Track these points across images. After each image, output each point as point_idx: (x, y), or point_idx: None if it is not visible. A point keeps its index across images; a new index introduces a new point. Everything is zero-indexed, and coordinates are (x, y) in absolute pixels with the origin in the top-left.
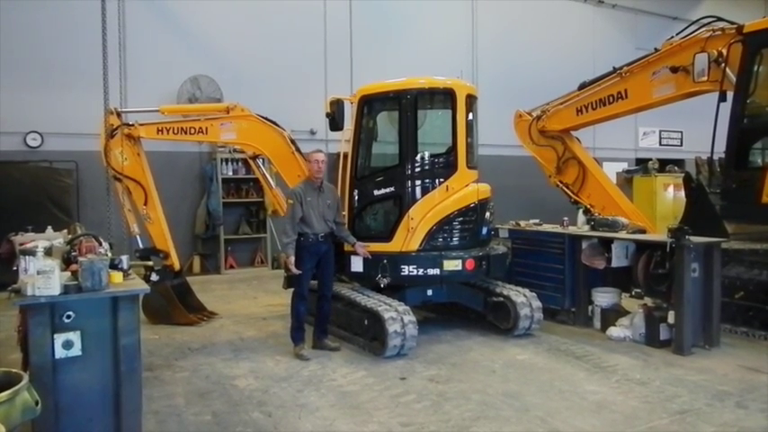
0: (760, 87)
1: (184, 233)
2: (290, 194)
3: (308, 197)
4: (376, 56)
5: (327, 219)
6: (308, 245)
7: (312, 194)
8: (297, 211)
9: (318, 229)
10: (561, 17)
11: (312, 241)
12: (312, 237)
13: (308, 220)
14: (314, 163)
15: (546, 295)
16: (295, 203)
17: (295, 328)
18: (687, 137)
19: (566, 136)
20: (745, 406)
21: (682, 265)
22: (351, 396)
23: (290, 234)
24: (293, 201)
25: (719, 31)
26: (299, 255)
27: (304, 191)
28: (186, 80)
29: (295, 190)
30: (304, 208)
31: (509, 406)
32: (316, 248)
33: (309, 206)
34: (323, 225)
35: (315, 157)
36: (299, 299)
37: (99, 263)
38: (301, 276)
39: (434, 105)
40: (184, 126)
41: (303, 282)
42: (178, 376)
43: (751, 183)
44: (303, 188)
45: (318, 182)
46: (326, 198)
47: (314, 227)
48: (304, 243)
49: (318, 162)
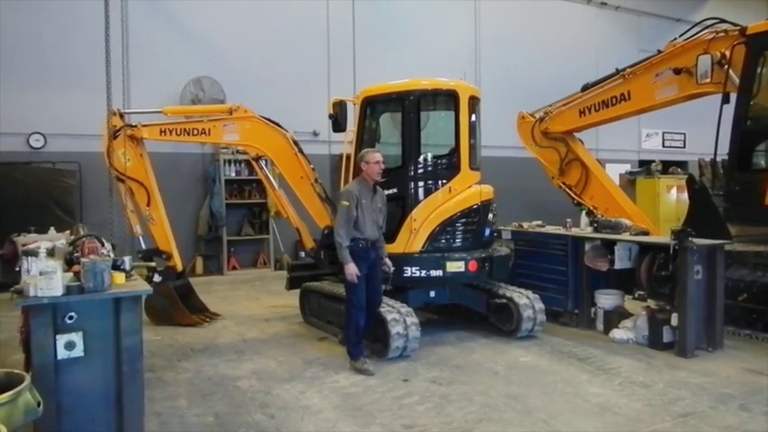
0: (763, 89)
1: (187, 234)
2: (346, 195)
3: (363, 199)
4: (379, 57)
5: (378, 224)
6: (358, 251)
7: (367, 197)
8: (352, 214)
9: (370, 235)
10: (564, 19)
11: (363, 247)
12: (363, 243)
13: (361, 225)
14: (375, 164)
15: (549, 297)
16: (351, 206)
17: (354, 343)
18: (690, 139)
19: (568, 137)
20: (748, 409)
21: (685, 267)
22: (353, 398)
23: (345, 239)
24: (349, 202)
25: (723, 33)
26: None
27: (359, 192)
28: (189, 81)
29: (350, 190)
30: (358, 211)
31: (512, 408)
32: (367, 255)
33: (363, 209)
34: (374, 230)
35: (374, 157)
36: (358, 309)
37: (101, 264)
38: (358, 285)
39: (437, 107)
40: (187, 127)
41: (360, 291)
42: (181, 377)
43: (754, 185)
44: (358, 189)
45: (372, 184)
46: (378, 201)
47: (366, 232)
48: (354, 249)
49: (379, 163)
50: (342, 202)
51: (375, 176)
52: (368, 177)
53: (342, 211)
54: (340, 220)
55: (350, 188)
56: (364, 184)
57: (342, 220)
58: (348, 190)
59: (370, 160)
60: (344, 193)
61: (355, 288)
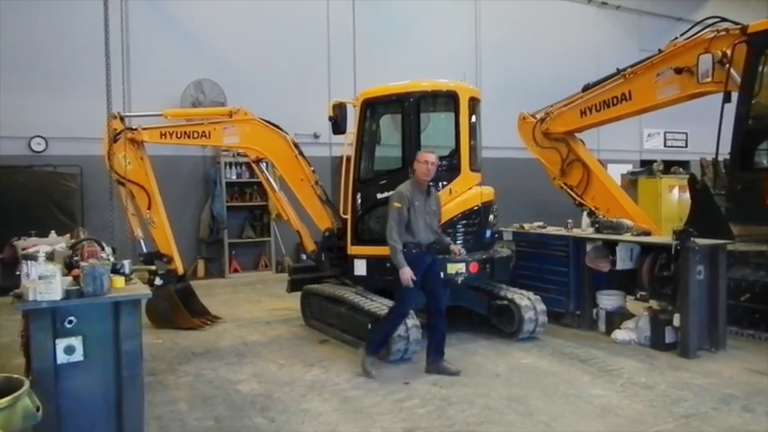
0: (765, 88)
1: (188, 237)
2: (396, 196)
3: (416, 201)
4: (379, 58)
5: (432, 227)
6: (411, 257)
7: (420, 199)
8: (403, 217)
9: (423, 239)
10: (565, 19)
11: (416, 253)
12: (416, 248)
13: (414, 228)
14: (423, 164)
15: (550, 298)
16: (402, 208)
17: (378, 342)
18: (692, 138)
19: (570, 138)
20: (751, 410)
21: (687, 267)
22: (354, 401)
23: (398, 241)
24: (401, 204)
25: (724, 32)
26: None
27: (412, 194)
28: (190, 84)
29: (402, 192)
30: (411, 214)
31: (513, 410)
32: (421, 261)
33: (416, 212)
34: (428, 234)
35: (424, 157)
36: (400, 317)
37: (100, 268)
38: (406, 293)
39: (437, 108)
40: (187, 130)
41: (407, 300)
42: (181, 381)
43: (756, 184)
44: (411, 191)
45: (426, 185)
46: (432, 204)
47: (419, 235)
48: (407, 255)
49: (428, 163)
50: (393, 203)
51: (424, 176)
52: (419, 177)
53: (392, 214)
54: (391, 223)
55: (401, 189)
56: (417, 186)
57: (393, 223)
58: (399, 191)
59: (420, 159)
60: (395, 195)
61: (406, 297)
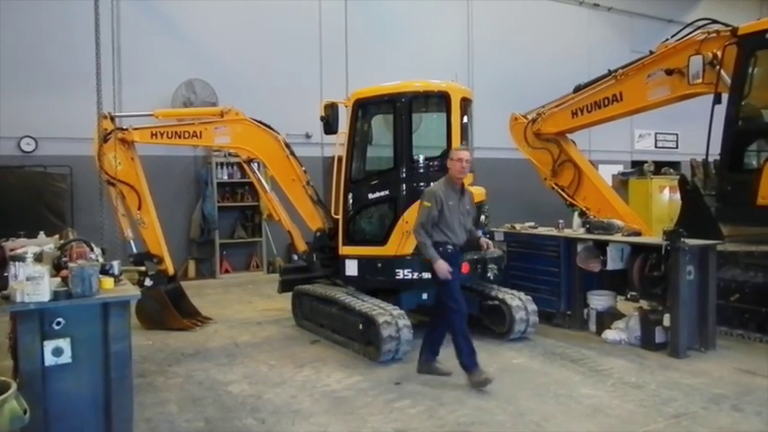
0: (755, 89)
1: (179, 237)
2: (428, 196)
3: (450, 201)
4: (371, 59)
5: (466, 226)
6: (447, 256)
7: (453, 198)
8: (432, 217)
9: (458, 239)
10: (557, 20)
11: (451, 252)
12: (451, 247)
13: (449, 228)
14: (457, 161)
15: (541, 298)
16: (432, 208)
17: (468, 353)
18: (683, 139)
19: (561, 138)
20: (740, 409)
21: (677, 267)
22: (345, 401)
23: (425, 236)
24: (431, 204)
25: (714, 34)
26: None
27: (445, 193)
28: (181, 84)
29: (434, 191)
30: (444, 213)
31: (504, 410)
32: (455, 260)
33: (450, 211)
34: (462, 234)
35: (458, 155)
36: (461, 316)
37: (89, 268)
38: (455, 289)
39: (429, 109)
40: (178, 130)
41: (458, 295)
42: (171, 382)
43: (746, 185)
44: (444, 190)
45: (460, 183)
46: (466, 203)
47: (454, 235)
48: (443, 255)
49: (463, 160)
50: (423, 202)
51: (459, 174)
52: (454, 176)
53: (422, 212)
54: (418, 220)
55: (434, 189)
56: (451, 185)
57: (420, 220)
58: (431, 190)
59: (453, 157)
60: (427, 194)
61: (452, 292)
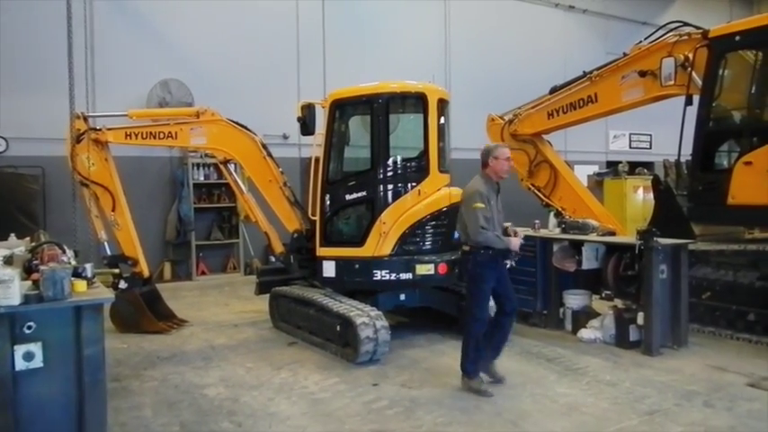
0: (725, 91)
1: (154, 239)
2: (477, 196)
3: (492, 200)
4: (349, 59)
5: (503, 226)
6: (488, 259)
7: (494, 197)
8: (489, 218)
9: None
10: (533, 22)
11: (492, 255)
12: (491, 250)
13: (494, 229)
14: (504, 160)
15: (518, 298)
16: (486, 207)
17: (473, 359)
18: (656, 140)
19: (537, 139)
20: (712, 405)
21: (650, 266)
22: (322, 403)
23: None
24: (484, 204)
25: (686, 36)
26: (480, 273)
27: (488, 192)
28: (156, 84)
29: (481, 191)
30: (490, 214)
31: (481, 410)
32: (496, 263)
33: (493, 212)
34: (500, 233)
35: (504, 152)
36: (481, 324)
37: (61, 271)
38: (484, 298)
39: (406, 110)
40: (153, 131)
41: (486, 305)
42: (146, 386)
43: (717, 185)
44: (486, 188)
45: (497, 182)
46: (500, 203)
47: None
48: (484, 258)
49: (510, 160)
50: (474, 204)
51: (504, 174)
52: (493, 175)
53: (476, 215)
54: (476, 224)
55: (478, 188)
56: (490, 183)
57: (480, 223)
58: (477, 190)
59: (500, 155)
60: (474, 195)
61: (481, 299)
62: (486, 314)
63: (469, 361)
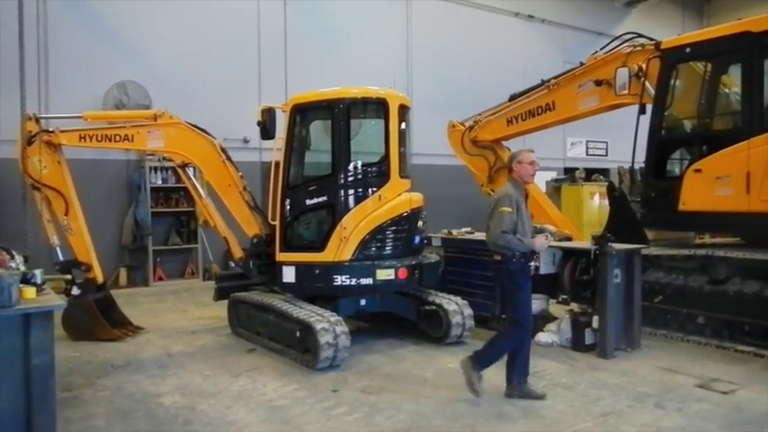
0: (676, 101)
1: (110, 244)
2: (506, 200)
3: (522, 205)
4: (311, 64)
5: (532, 232)
6: (521, 266)
7: (523, 202)
8: (514, 222)
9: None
10: (494, 30)
11: (525, 261)
12: (524, 256)
13: (523, 234)
14: (528, 165)
15: (477, 303)
16: (513, 213)
17: (524, 364)
18: (612, 147)
19: (497, 146)
20: (663, 406)
21: (605, 271)
22: (281, 411)
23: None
24: (511, 209)
25: (639, 47)
26: (516, 282)
27: (518, 197)
28: (113, 86)
29: (510, 195)
30: (518, 219)
31: (440, 415)
32: (528, 270)
33: (523, 217)
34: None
35: (529, 157)
36: (525, 331)
37: (8, 278)
38: (527, 302)
39: (367, 115)
40: (109, 133)
41: (527, 311)
42: (99, 395)
43: (668, 191)
44: (516, 193)
45: (525, 187)
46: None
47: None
48: (517, 265)
49: (534, 164)
50: (502, 208)
51: (530, 178)
52: (519, 179)
53: (502, 219)
54: (499, 228)
55: (508, 192)
56: (519, 189)
57: (503, 228)
58: (507, 194)
59: (524, 160)
60: (504, 198)
61: (522, 306)
62: (530, 321)
63: (489, 356)
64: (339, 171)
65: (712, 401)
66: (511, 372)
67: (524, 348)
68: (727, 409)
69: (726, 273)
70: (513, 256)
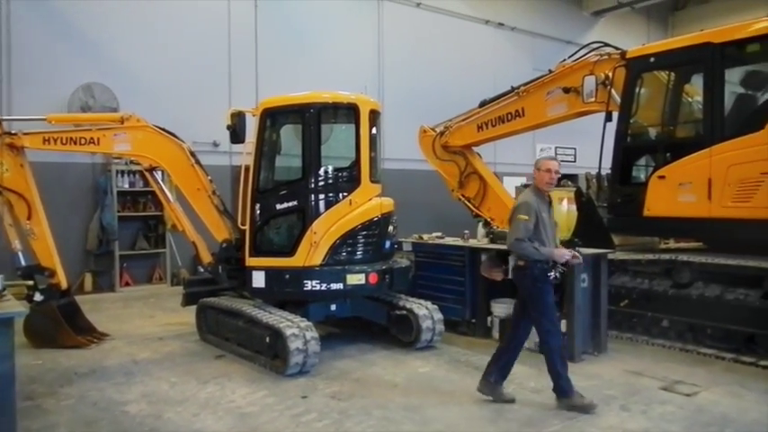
0: (641, 109)
1: (75, 249)
2: (525, 208)
3: (543, 213)
4: (282, 68)
5: (556, 241)
6: (543, 271)
7: (545, 210)
8: (529, 231)
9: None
10: (464, 37)
11: (547, 269)
12: (546, 264)
13: (543, 242)
14: (545, 173)
15: (447, 307)
16: (529, 221)
17: (566, 377)
18: (580, 153)
19: (467, 151)
20: (628, 409)
21: (572, 275)
22: (250, 418)
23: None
24: (528, 217)
25: (606, 56)
26: (539, 287)
27: (538, 205)
28: (78, 87)
29: (530, 203)
30: (539, 227)
31: (410, 420)
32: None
33: (545, 225)
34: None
35: (546, 165)
36: (556, 336)
37: None
38: (548, 310)
39: (338, 120)
40: (74, 136)
41: (552, 315)
42: (63, 404)
43: (634, 197)
44: (537, 201)
45: (548, 195)
46: (552, 215)
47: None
48: (540, 270)
49: (551, 171)
50: (519, 215)
51: (544, 186)
52: (541, 187)
53: (518, 226)
54: (514, 236)
55: (528, 200)
56: (540, 196)
57: (517, 235)
58: (526, 202)
59: (541, 167)
60: (523, 206)
61: (548, 310)
62: (557, 325)
63: (563, 379)
64: (310, 176)
65: (676, 403)
66: (492, 366)
67: (515, 351)
68: (689, 410)
69: (689, 277)
70: (537, 262)
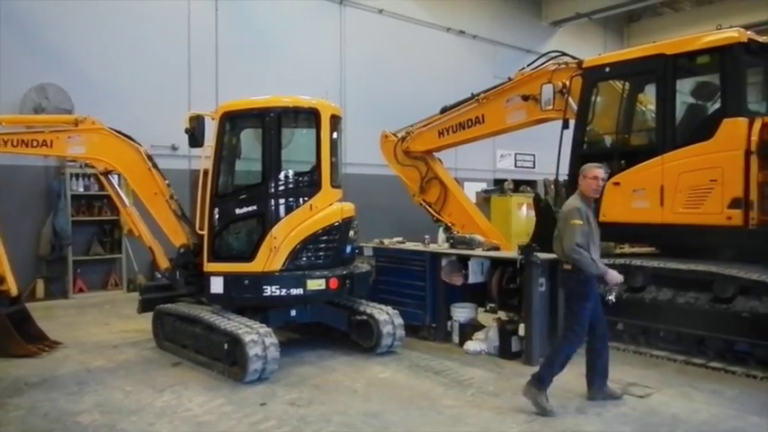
0: (597, 117)
1: (26, 254)
2: (576, 213)
3: (591, 219)
4: (243, 72)
5: (600, 247)
6: (590, 279)
7: (592, 216)
8: (586, 233)
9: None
10: (427, 44)
11: (591, 276)
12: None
13: (592, 248)
14: (592, 180)
15: (408, 312)
16: (584, 224)
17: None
18: (539, 159)
19: (428, 157)
20: (584, 411)
21: (530, 279)
22: (207, 426)
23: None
24: (582, 221)
25: (564, 65)
26: (583, 291)
27: (586, 210)
28: (31, 88)
29: (579, 208)
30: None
31: (369, 426)
32: (596, 284)
33: (592, 231)
34: (598, 254)
35: (593, 172)
36: (580, 340)
37: None
38: (584, 314)
39: (299, 124)
40: (25, 138)
41: (586, 321)
42: (12, 416)
43: None
44: (584, 206)
45: (593, 201)
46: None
47: (596, 256)
48: (587, 278)
49: (598, 179)
50: (573, 221)
51: (590, 193)
52: (587, 194)
53: (574, 231)
54: (572, 241)
55: (576, 205)
56: (587, 202)
57: (576, 240)
58: (576, 207)
59: (587, 174)
60: (573, 211)
61: (583, 318)
62: (583, 335)
63: (549, 375)
64: (269, 180)
65: (629, 405)
66: (592, 376)
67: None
68: (642, 412)
69: (642, 281)
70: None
